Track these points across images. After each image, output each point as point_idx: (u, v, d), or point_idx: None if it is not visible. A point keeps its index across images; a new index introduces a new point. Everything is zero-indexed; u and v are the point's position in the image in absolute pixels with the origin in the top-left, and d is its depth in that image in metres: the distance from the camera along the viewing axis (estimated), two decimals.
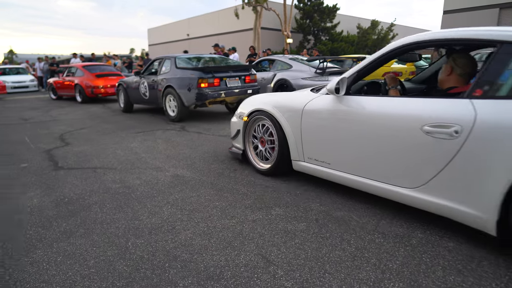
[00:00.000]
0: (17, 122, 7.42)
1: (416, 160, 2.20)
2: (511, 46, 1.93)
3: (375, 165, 2.47)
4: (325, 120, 2.78)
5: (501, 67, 1.94)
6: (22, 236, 2.34)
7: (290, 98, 3.22)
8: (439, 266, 1.87)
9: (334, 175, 2.81)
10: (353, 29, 31.78)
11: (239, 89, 6.75)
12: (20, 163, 4.15)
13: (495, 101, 1.90)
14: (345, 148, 2.65)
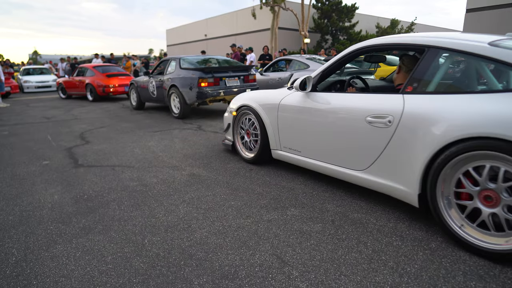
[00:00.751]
0: (40, 121, 7.65)
1: (362, 146, 2.58)
2: (435, 50, 2.32)
3: (333, 151, 2.87)
4: (295, 113, 3.19)
5: (427, 67, 2.33)
6: (43, 231, 2.41)
7: (270, 95, 3.63)
8: (460, 271, 1.81)
9: (304, 161, 3.21)
10: (372, 28, 31.36)
11: (238, 88, 7.09)
12: (42, 160, 4.27)
13: (419, 95, 2.28)
14: (311, 138, 3.07)
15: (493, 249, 1.86)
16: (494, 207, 1.88)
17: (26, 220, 2.59)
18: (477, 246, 1.93)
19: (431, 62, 2.34)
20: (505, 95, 1.92)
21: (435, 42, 2.36)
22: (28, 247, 2.20)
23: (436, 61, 2.33)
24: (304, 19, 24.06)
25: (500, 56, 2.01)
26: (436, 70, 2.32)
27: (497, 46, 2.08)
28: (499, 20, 15.58)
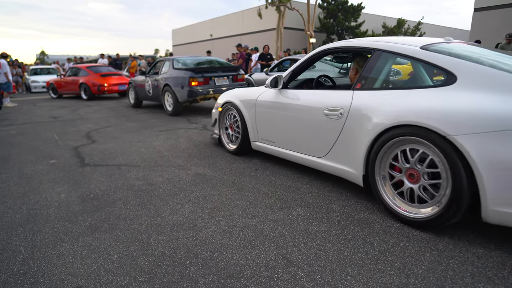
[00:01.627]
0: (47, 120, 7.71)
1: (322, 136, 2.96)
2: (379, 52, 2.71)
3: (300, 141, 3.24)
4: (269, 108, 3.60)
5: (372, 67, 2.73)
6: (49, 229, 2.42)
7: (249, 92, 4.00)
8: (468, 273, 1.79)
9: (277, 151, 3.59)
10: (378, 28, 31.21)
11: (227, 87, 7.60)
12: (49, 159, 4.30)
13: (365, 91, 2.67)
14: (282, 130, 3.46)
15: (413, 217, 2.27)
16: (414, 184, 2.29)
17: (33, 218, 2.61)
18: (406, 216, 2.32)
19: (375, 63, 2.73)
20: (428, 90, 2.31)
21: (378, 45, 2.74)
22: (35, 245, 2.22)
23: (379, 62, 2.72)
24: (310, 19, 23.99)
25: (427, 58, 2.41)
26: (379, 69, 2.72)
27: (427, 50, 2.46)
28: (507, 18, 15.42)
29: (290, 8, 23.76)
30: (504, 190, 1.87)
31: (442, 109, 2.11)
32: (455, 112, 2.05)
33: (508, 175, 1.85)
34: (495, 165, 1.88)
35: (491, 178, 1.90)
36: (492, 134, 1.89)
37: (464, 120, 2.00)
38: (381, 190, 2.47)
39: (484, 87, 2.09)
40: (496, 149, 1.87)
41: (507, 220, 1.91)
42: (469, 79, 2.18)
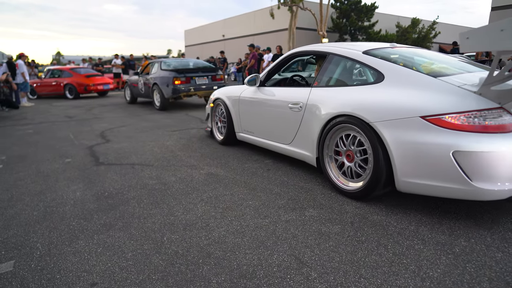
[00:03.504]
0: (62, 120, 7.85)
1: (288, 126, 3.49)
2: (332, 55, 3.29)
3: (272, 131, 3.80)
4: (249, 103, 4.15)
5: (326, 68, 3.33)
6: (65, 227, 2.47)
7: (235, 89, 4.57)
8: (485, 277, 1.75)
9: (256, 140, 4.14)
10: (392, 28, 30.84)
11: (206, 85, 8.86)
12: (65, 158, 4.38)
13: (319, 88, 3.25)
14: (258, 121, 4.02)
15: (347, 190, 2.82)
16: (351, 162, 2.82)
17: (50, 215, 2.66)
18: (344, 189, 2.85)
19: (328, 64, 3.33)
20: (364, 87, 2.86)
21: (331, 50, 3.34)
22: (52, 242, 2.26)
23: (331, 63, 3.31)
24: (323, 18, 23.86)
25: (364, 60, 2.97)
26: (331, 70, 3.30)
27: (367, 54, 3.02)
28: None
29: (302, 8, 23.67)
30: (408, 164, 2.40)
31: (368, 102, 2.67)
32: (376, 104, 2.61)
33: (410, 153, 2.38)
34: (401, 145, 2.41)
35: (399, 155, 2.42)
36: (399, 121, 2.43)
37: (382, 110, 2.54)
38: (328, 169, 3.03)
39: (402, 84, 2.63)
40: (402, 132, 2.41)
41: (412, 188, 2.44)
42: (393, 78, 2.71)
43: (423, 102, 2.40)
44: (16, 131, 6.47)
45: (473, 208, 2.57)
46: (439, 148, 2.25)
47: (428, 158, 2.31)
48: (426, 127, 2.32)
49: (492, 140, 2.16)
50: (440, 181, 2.29)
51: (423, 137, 2.32)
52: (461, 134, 2.21)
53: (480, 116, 2.21)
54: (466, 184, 2.19)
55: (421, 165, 2.35)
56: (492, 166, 2.15)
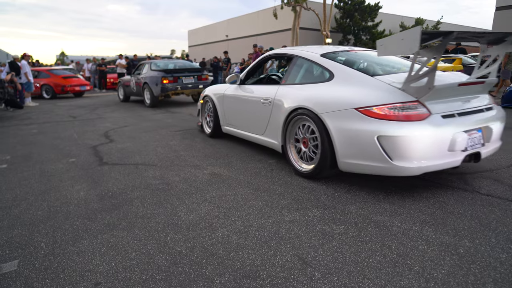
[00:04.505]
0: (66, 120, 7.89)
1: (260, 118, 4.00)
2: (296, 57, 3.83)
3: (249, 123, 4.30)
4: (231, 99, 4.67)
5: (291, 68, 3.85)
6: (69, 226, 2.48)
7: (220, 87, 5.11)
8: (490, 278, 1.74)
9: (237, 132, 4.65)
10: (395, 28, 30.73)
11: (192, 84, 9.72)
12: (69, 158, 4.40)
13: (285, 85, 3.75)
14: (238, 115, 4.54)
15: (303, 171, 3.33)
16: (306, 148, 3.33)
17: (54, 215, 2.68)
18: (300, 171, 3.35)
19: (293, 65, 3.85)
20: (318, 84, 3.38)
21: (296, 52, 3.90)
22: (56, 241, 2.27)
23: (296, 64, 3.84)
24: (326, 19, 23.83)
25: (320, 62, 3.51)
26: (295, 70, 3.82)
27: (324, 57, 3.53)
28: None
29: (306, 8, 23.65)
30: (345, 148, 2.89)
31: (318, 96, 3.19)
32: (324, 98, 3.12)
33: (346, 138, 2.87)
34: (340, 132, 2.90)
35: (339, 140, 2.92)
36: (339, 112, 2.94)
37: (327, 103, 3.05)
38: (290, 154, 3.54)
39: (346, 82, 3.15)
40: (341, 121, 2.91)
41: (349, 167, 2.94)
42: (340, 77, 3.23)
43: (358, 96, 2.91)
44: (21, 131, 6.50)
45: (477, 209, 2.55)
46: (367, 133, 2.73)
47: (359, 142, 2.80)
48: (358, 117, 2.81)
49: (409, 126, 2.61)
50: (369, 161, 2.78)
51: (356, 125, 2.81)
52: (384, 122, 2.67)
53: (400, 107, 2.70)
54: (388, 162, 2.68)
55: (354, 148, 2.84)
56: (408, 148, 2.60)
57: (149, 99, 9.72)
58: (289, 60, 4.08)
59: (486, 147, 2.96)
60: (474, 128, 2.82)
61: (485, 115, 2.96)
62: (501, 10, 17.11)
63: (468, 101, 2.95)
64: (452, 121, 2.73)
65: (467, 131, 2.76)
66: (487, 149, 2.97)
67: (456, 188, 2.98)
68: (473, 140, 2.82)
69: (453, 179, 3.19)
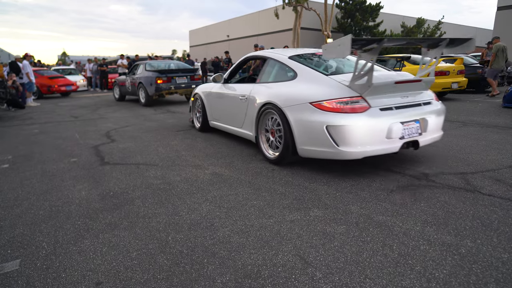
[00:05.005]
0: (68, 120, 7.90)
1: (239, 113, 4.48)
2: (268, 59, 4.35)
3: (230, 117, 4.80)
4: (216, 96, 5.19)
5: (264, 69, 4.36)
6: (71, 226, 2.48)
7: (208, 85, 5.58)
8: (492, 279, 1.74)
9: (221, 126, 5.15)
10: (397, 28, 30.71)
11: (185, 84, 10.18)
12: (70, 158, 4.40)
13: (258, 84, 4.24)
14: (222, 110, 5.06)
15: (271, 157, 3.85)
16: (273, 137, 3.84)
17: (55, 214, 2.68)
18: (269, 157, 3.88)
19: (266, 66, 4.38)
20: (285, 82, 3.87)
21: (268, 55, 4.44)
22: (58, 241, 2.27)
23: (268, 65, 4.36)
24: (327, 19, 23.80)
25: (287, 63, 4.01)
26: (268, 70, 4.34)
27: (290, 59, 4.02)
28: None
29: (307, 8, 23.63)
30: (302, 136, 3.39)
31: (282, 93, 3.70)
32: (286, 94, 3.62)
33: (303, 128, 3.36)
34: (298, 122, 3.40)
35: (297, 130, 3.41)
36: (297, 106, 3.43)
37: (288, 99, 3.55)
38: (261, 143, 4.06)
39: (307, 80, 3.65)
40: (298, 114, 3.40)
41: (306, 153, 3.43)
42: (302, 76, 3.74)
43: (313, 92, 3.40)
44: (22, 131, 6.52)
45: (479, 209, 2.55)
46: (318, 124, 3.21)
47: (312, 131, 3.28)
48: (312, 109, 3.29)
49: (351, 118, 3.07)
50: (320, 147, 3.26)
51: (310, 117, 3.29)
52: (332, 114, 3.15)
53: (345, 101, 3.17)
54: (335, 148, 3.16)
55: (309, 136, 3.33)
56: (351, 135, 3.08)
57: (143, 98, 10.14)
58: (264, 62, 4.56)
59: (423, 136, 3.39)
60: (411, 119, 3.29)
61: (422, 108, 3.41)
62: (503, 10, 17.07)
63: (407, 97, 3.41)
64: (389, 113, 3.18)
65: (404, 122, 3.22)
66: (425, 138, 3.42)
67: (457, 188, 2.97)
68: (410, 130, 3.29)
69: (455, 179, 3.19)
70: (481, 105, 8.17)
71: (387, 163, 3.72)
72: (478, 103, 8.56)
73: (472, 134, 5.06)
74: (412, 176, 3.30)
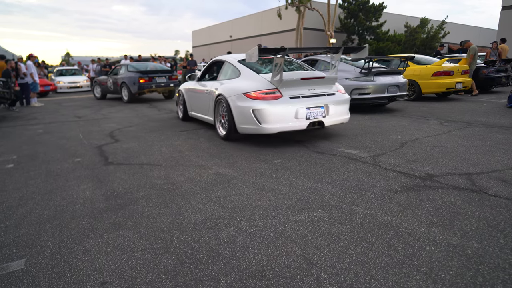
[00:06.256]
0: (72, 120, 7.93)
1: (208, 104, 5.60)
2: (225, 62, 5.63)
3: (201, 108, 5.99)
4: (192, 91, 6.44)
5: (222, 70, 5.66)
6: (75, 225, 2.49)
7: (188, 83, 6.76)
8: (499, 280, 1.72)
9: (196, 115, 6.40)
10: (400, 28, 30.59)
11: (165, 83, 11.53)
12: (74, 158, 4.42)
13: (219, 81, 5.48)
14: (196, 103, 6.27)
15: (222, 135, 5.15)
16: (224, 120, 5.07)
17: (60, 214, 2.69)
18: (221, 135, 5.13)
19: (224, 67, 5.63)
20: (233, 79, 5.12)
21: (224, 59, 5.70)
22: (62, 240, 2.28)
23: (225, 67, 5.61)
24: (330, 19, 23.76)
25: (235, 64, 5.26)
26: (225, 71, 5.56)
27: (239, 62, 5.28)
28: None
29: (310, 9, 23.60)
30: (239, 118, 4.63)
31: (229, 87, 4.95)
32: (231, 88, 4.89)
33: (238, 112, 4.59)
34: (236, 108, 4.63)
35: (235, 113, 4.66)
36: (235, 96, 4.67)
37: (231, 91, 4.82)
38: (217, 125, 5.32)
39: (246, 78, 4.95)
40: (236, 101, 4.63)
41: (242, 130, 4.67)
42: (244, 75, 5.05)
43: (246, 86, 4.68)
44: (27, 131, 6.54)
45: (485, 209, 2.53)
46: (247, 108, 4.49)
47: (244, 114, 4.56)
48: (244, 98, 4.56)
49: (268, 103, 4.39)
50: (249, 125, 4.54)
51: (242, 103, 4.56)
52: (256, 101, 4.44)
53: (265, 92, 4.47)
54: (258, 125, 4.43)
55: (242, 118, 4.60)
56: (268, 116, 4.37)
57: (126, 96, 11.48)
58: (222, 64, 5.82)
59: (327, 118, 4.65)
60: (316, 106, 4.55)
61: (325, 98, 4.68)
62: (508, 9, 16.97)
63: (314, 89, 4.67)
64: (297, 100, 4.47)
65: (309, 107, 4.49)
66: (329, 120, 4.68)
67: (463, 188, 2.95)
68: (315, 113, 4.53)
69: (460, 179, 3.17)
70: (486, 105, 8.13)
71: (392, 163, 3.71)
72: (483, 103, 8.51)
73: (477, 134, 5.04)
74: (417, 176, 3.29)
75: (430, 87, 8.97)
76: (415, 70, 9.11)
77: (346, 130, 5.59)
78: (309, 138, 5.08)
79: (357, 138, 4.99)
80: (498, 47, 12.10)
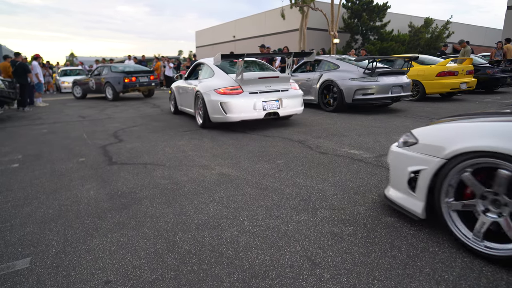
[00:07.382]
0: (76, 120, 7.98)
1: (190, 99, 6.80)
2: (204, 64, 6.92)
3: (187, 102, 7.12)
4: (180, 89, 7.57)
5: (202, 70, 6.95)
6: (80, 225, 2.51)
7: (178, 82, 7.86)
8: (503, 281, 1.72)
9: (184, 109, 7.46)
10: (404, 28, 30.46)
11: (147, 82, 12.67)
12: (79, 157, 4.45)
13: (198, 80, 6.74)
14: (184, 98, 7.37)
15: (199, 124, 6.56)
16: (201, 111, 6.28)
17: (64, 213, 2.71)
18: (199, 124, 6.46)
19: (203, 68, 6.88)
20: (209, 78, 6.31)
21: (203, 61, 6.94)
22: (67, 239, 2.30)
23: (204, 68, 6.82)
24: (334, 19, 23.70)
25: (211, 66, 6.46)
26: (204, 71, 6.74)
27: (214, 64, 6.30)
28: None
29: (313, 9, 23.55)
30: (210, 110, 5.81)
31: (205, 85, 6.03)
32: (206, 85, 5.99)
33: (211, 105, 5.75)
34: (209, 102, 5.78)
35: (208, 106, 5.82)
36: (208, 91, 5.81)
37: (205, 87, 5.94)
38: (197, 116, 6.40)
39: (218, 77, 6.06)
40: (208, 96, 5.76)
41: (214, 120, 5.82)
42: (217, 74, 6.18)
43: (217, 83, 5.79)
44: (32, 131, 6.59)
45: None
46: (216, 102, 5.58)
47: (214, 106, 5.63)
48: (214, 93, 5.64)
49: (232, 97, 5.50)
50: (218, 115, 5.62)
51: (213, 98, 5.64)
52: (223, 95, 5.53)
53: (230, 89, 5.56)
54: (224, 115, 5.54)
55: (213, 109, 5.69)
56: (232, 107, 5.49)
57: (111, 95, 12.36)
58: (203, 65, 6.90)
59: (281, 109, 5.75)
60: (272, 99, 5.67)
61: (280, 93, 5.77)
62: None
63: (270, 86, 5.76)
64: (255, 95, 5.58)
65: (266, 101, 5.61)
66: (283, 111, 5.78)
67: None
68: (271, 105, 5.66)
69: None
70: (491, 105, 8.08)
71: None
72: (488, 103, 8.46)
73: None
74: None
75: (434, 87, 8.93)
76: (419, 70, 9.07)
77: (349, 131, 5.58)
78: (312, 139, 5.08)
79: (361, 139, 4.98)
80: (503, 47, 12.03)
